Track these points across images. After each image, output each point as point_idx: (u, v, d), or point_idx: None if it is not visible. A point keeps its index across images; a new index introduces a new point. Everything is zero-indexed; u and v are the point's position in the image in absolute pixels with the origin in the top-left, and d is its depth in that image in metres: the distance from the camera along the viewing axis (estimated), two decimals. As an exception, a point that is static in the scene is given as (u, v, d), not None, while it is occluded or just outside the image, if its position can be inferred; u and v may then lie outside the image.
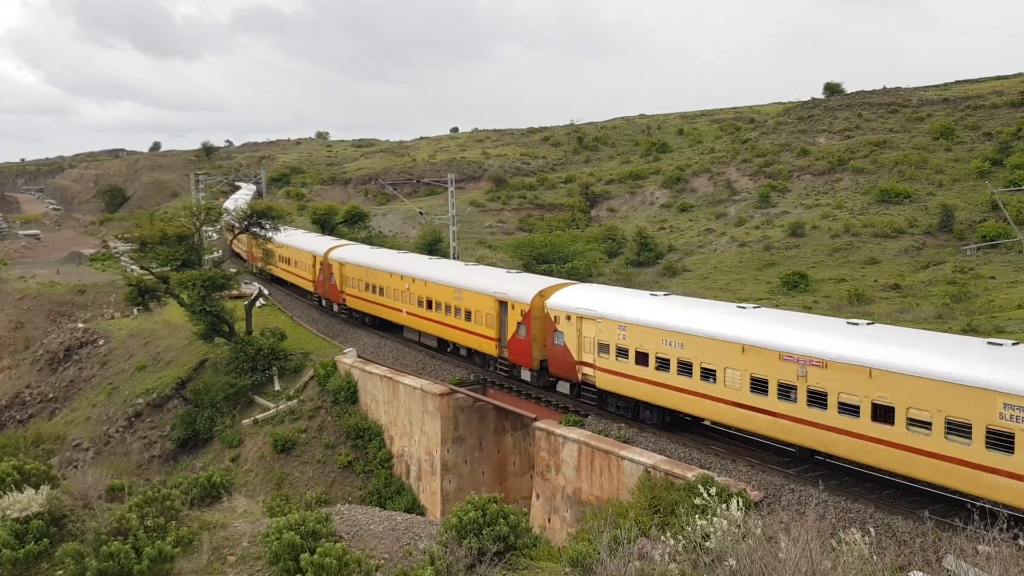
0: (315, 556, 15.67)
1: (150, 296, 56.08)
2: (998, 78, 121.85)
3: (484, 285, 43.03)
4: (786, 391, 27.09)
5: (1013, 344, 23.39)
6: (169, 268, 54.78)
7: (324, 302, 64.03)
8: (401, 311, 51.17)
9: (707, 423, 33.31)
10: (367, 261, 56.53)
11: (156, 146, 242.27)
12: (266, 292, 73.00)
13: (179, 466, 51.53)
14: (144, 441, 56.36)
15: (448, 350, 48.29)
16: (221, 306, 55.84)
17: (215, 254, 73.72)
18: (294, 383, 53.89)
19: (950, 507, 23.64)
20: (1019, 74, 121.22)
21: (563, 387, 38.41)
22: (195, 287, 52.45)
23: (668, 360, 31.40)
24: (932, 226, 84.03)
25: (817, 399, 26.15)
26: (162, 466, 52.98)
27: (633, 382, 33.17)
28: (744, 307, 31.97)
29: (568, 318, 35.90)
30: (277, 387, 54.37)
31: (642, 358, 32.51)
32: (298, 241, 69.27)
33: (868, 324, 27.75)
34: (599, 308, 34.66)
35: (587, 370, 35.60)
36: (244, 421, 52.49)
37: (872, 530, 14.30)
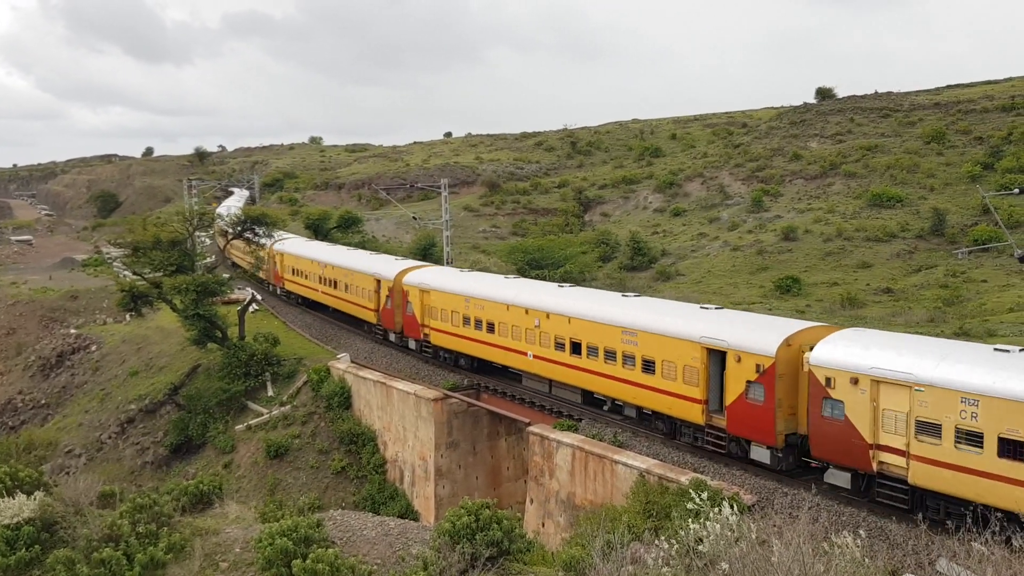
0: (308, 562, 15.63)
1: (143, 301, 55.91)
2: (989, 83, 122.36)
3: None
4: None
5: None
6: (162, 273, 54.63)
7: (395, 336, 52.76)
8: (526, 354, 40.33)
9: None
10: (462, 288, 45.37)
11: (149, 151, 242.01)
12: (259, 297, 72.87)
13: (172, 472, 51.37)
14: (137, 447, 56.17)
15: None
16: (214, 311, 55.71)
17: (208, 259, 73.56)
18: (287, 388, 53.78)
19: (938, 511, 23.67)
20: (1009, 79, 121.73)
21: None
22: (188, 292, 52.31)
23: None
24: (924, 230, 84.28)
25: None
26: (155, 472, 52.81)
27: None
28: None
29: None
30: (270, 392, 54.25)
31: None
32: (353, 261, 59.03)
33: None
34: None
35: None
36: (237, 427, 52.35)
37: (863, 533, 14.31)
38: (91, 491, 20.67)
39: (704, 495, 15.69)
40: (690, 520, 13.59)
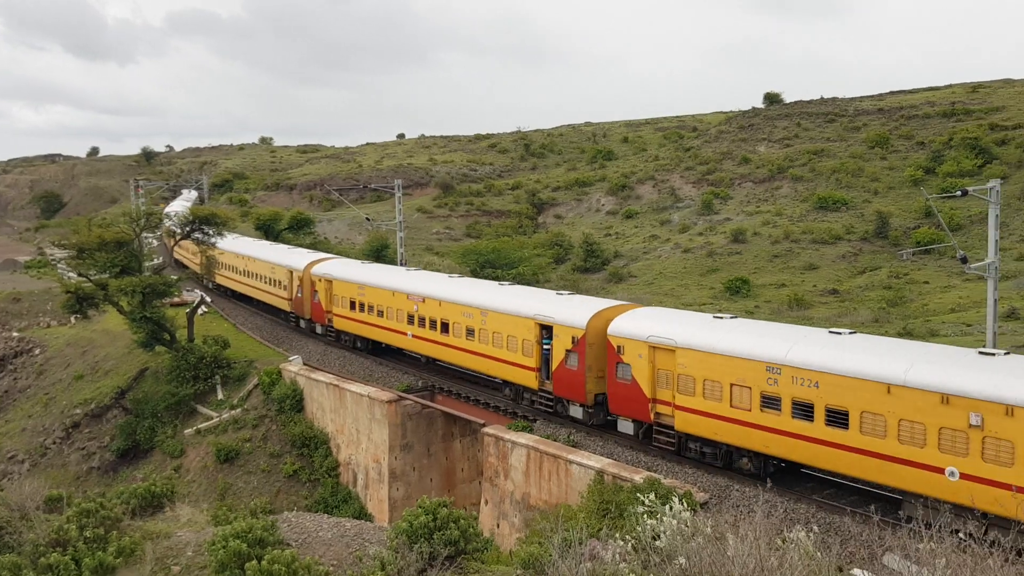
0: (263, 564, 15.45)
1: (88, 304, 54.63)
2: (930, 89, 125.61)
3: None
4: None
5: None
6: (108, 275, 53.52)
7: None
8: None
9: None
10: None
11: (94, 151, 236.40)
12: (208, 299, 71.80)
13: (119, 477, 50.34)
14: (82, 452, 54.96)
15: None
16: (162, 313, 54.77)
17: (155, 260, 72.28)
18: (238, 392, 53.06)
19: (889, 505, 24.27)
20: (950, 86, 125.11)
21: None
22: (135, 294, 51.35)
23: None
24: (868, 232, 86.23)
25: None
26: (101, 477, 51.71)
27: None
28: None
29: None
30: (220, 396, 53.48)
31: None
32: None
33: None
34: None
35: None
36: (186, 431, 51.52)
37: (816, 527, 14.61)
38: (37, 495, 20.18)
39: (655, 495, 15.86)
40: (646, 516, 13.73)
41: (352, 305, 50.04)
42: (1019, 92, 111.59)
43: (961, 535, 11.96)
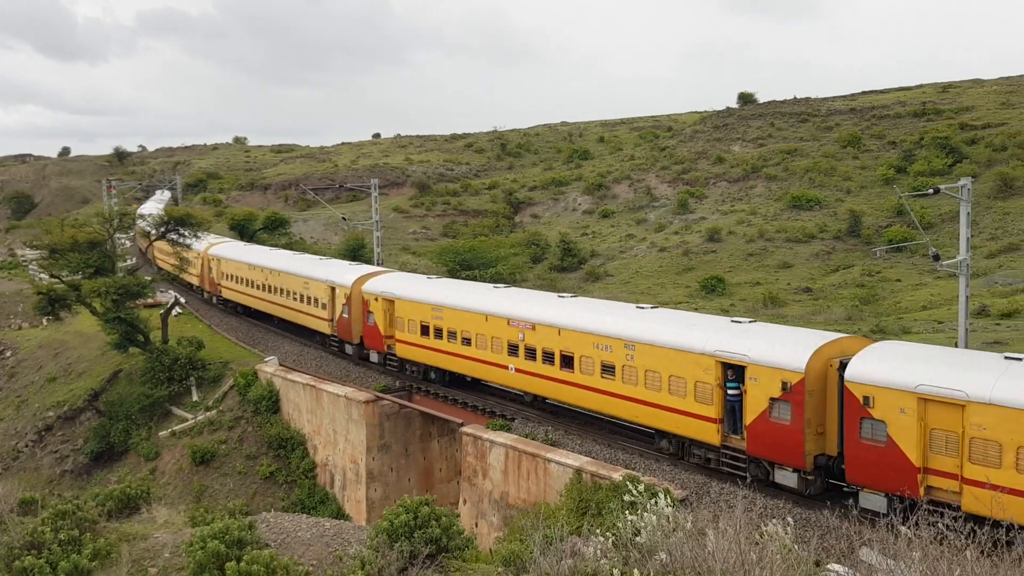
0: (242, 564, 15.34)
1: (60, 305, 54.01)
2: (901, 89, 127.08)
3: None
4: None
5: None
6: (81, 276, 52.94)
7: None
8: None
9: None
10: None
11: (65, 151, 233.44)
12: (182, 300, 71.20)
13: (93, 480, 49.81)
14: (55, 455, 54.32)
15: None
16: (136, 315, 54.26)
17: (128, 261, 71.55)
18: (213, 393, 52.67)
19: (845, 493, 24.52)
20: (920, 86, 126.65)
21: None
22: (108, 295, 50.82)
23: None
24: (841, 231, 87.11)
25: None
26: (75, 481, 51.13)
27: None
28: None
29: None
30: (195, 397, 53.07)
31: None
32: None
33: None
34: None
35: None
36: (161, 433, 51.08)
37: (792, 520, 14.75)
38: (10, 498, 19.91)
39: (640, 488, 15.93)
40: (627, 512, 13.79)
41: (424, 330, 42.54)
42: (988, 92, 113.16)
43: (939, 527, 12.11)
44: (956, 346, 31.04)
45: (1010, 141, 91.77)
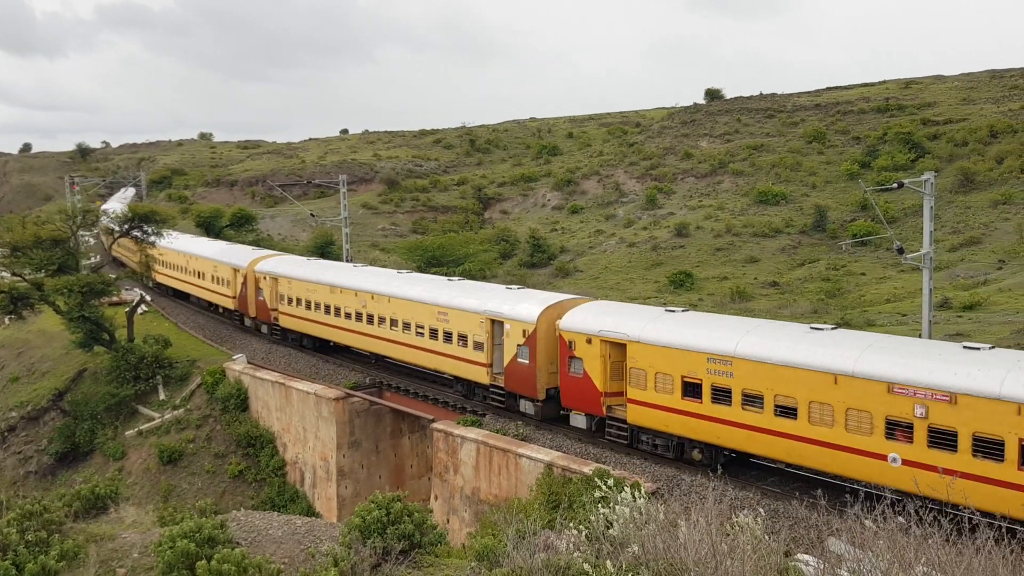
0: (212, 563, 15.20)
1: (23, 304, 53.02)
2: (864, 85, 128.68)
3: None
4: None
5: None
6: (43, 274, 52.09)
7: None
8: None
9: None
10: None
11: (27, 147, 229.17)
12: (148, 298, 70.33)
13: (58, 481, 49.09)
14: (19, 456, 53.46)
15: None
16: (100, 313, 53.54)
17: (93, 259, 70.46)
18: (180, 392, 52.14)
19: (832, 491, 24.88)
20: (884, 82, 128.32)
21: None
22: (72, 293, 50.08)
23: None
24: (807, 226, 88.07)
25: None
26: (39, 482, 50.36)
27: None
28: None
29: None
30: (162, 396, 52.50)
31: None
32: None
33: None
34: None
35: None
36: (127, 432, 50.48)
37: (763, 512, 14.92)
38: (-26, 501, 19.58)
39: (611, 482, 16.02)
40: (599, 506, 13.88)
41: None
42: (949, 88, 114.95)
43: (902, 519, 12.32)
44: (919, 337, 31.57)
45: (971, 136, 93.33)
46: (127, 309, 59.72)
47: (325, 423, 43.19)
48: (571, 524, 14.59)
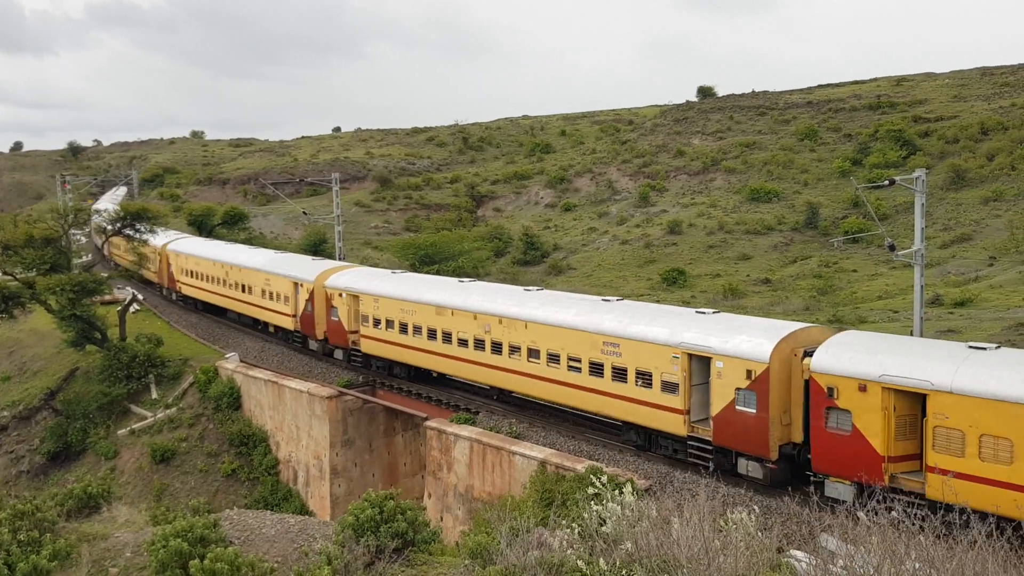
0: (206, 562, 15.21)
1: (14, 303, 52.90)
2: (856, 83, 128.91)
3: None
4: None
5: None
6: (35, 273, 51.93)
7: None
8: None
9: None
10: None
11: (18, 146, 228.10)
12: (140, 296, 70.15)
13: (50, 480, 48.96)
14: (11, 456, 53.30)
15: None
16: (92, 312, 53.37)
17: (84, 258, 70.32)
18: (172, 391, 52.05)
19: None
20: (875, 79, 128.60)
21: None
22: (64, 292, 49.95)
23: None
24: (799, 223, 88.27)
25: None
26: (31, 481, 50.23)
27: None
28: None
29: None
30: (154, 395, 52.40)
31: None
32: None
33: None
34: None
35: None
36: (120, 431, 50.39)
37: (757, 508, 14.98)
38: (-34, 501, 19.55)
39: (604, 479, 16.05)
40: (592, 503, 13.91)
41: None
42: (940, 85, 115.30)
43: (894, 514, 12.38)
44: (911, 334, 31.70)
45: (962, 133, 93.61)
46: (119, 308, 59.57)
47: (318, 421, 43.14)
48: (564, 521, 14.62)
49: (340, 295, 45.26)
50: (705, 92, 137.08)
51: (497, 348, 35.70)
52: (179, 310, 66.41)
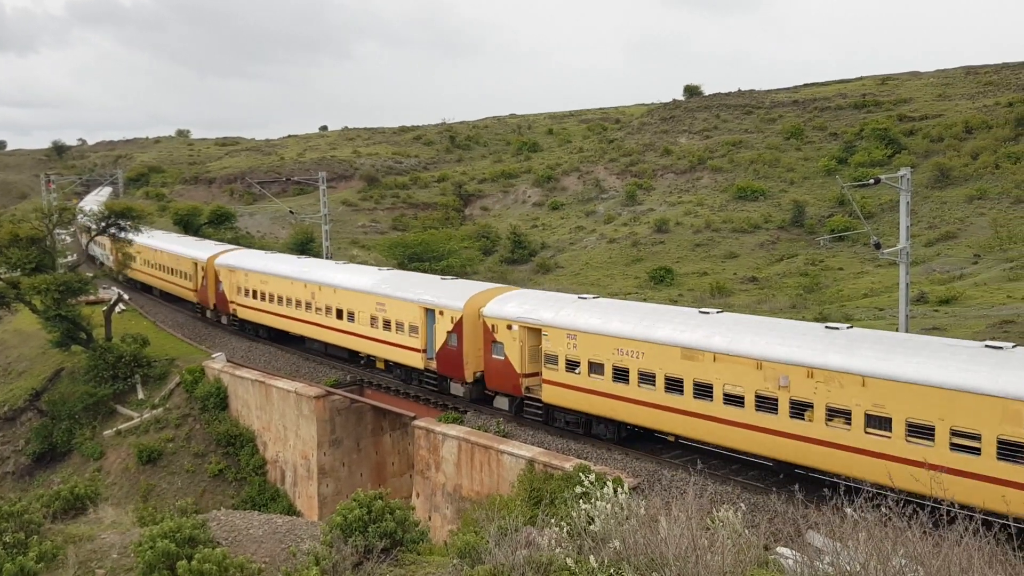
0: (193, 563, 15.14)
1: (-1, 303, 52.62)
2: (841, 81, 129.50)
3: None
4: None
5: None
6: (20, 272, 51.58)
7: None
8: None
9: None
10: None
11: (1, 145, 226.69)
12: (126, 297, 69.75)
13: (35, 482, 48.67)
14: (-5, 457, 52.91)
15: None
16: (78, 312, 53.06)
17: (69, 258, 69.76)
18: (159, 391, 51.81)
19: (812, 485, 25.09)
20: (860, 78, 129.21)
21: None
22: (49, 292, 49.63)
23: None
24: (785, 221, 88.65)
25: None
26: (16, 483, 49.91)
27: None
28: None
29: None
30: (141, 395, 52.14)
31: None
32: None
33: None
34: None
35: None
36: (106, 432, 50.11)
37: (744, 506, 15.04)
38: (-50, 503, 19.39)
39: (591, 478, 16.08)
40: (581, 501, 13.92)
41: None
42: (925, 84, 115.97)
43: (883, 509, 12.45)
44: (897, 330, 31.89)
45: (946, 132, 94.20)
46: (104, 308, 59.24)
47: (305, 421, 43.04)
48: (553, 520, 14.63)
49: (509, 327, 34.98)
50: (692, 91, 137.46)
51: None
52: (166, 310, 66.08)
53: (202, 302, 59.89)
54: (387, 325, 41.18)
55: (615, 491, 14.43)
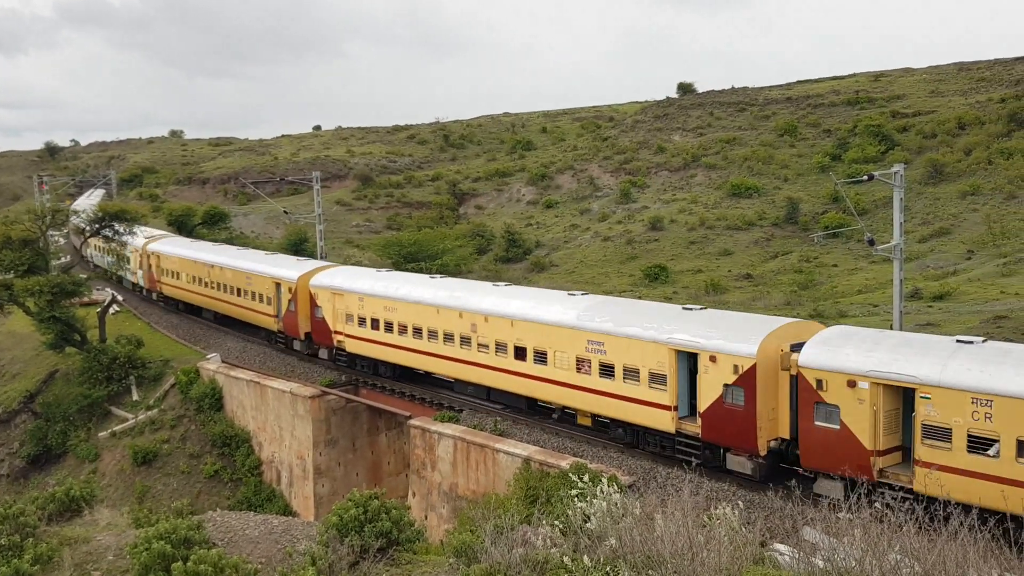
0: (189, 564, 15.14)
1: (-8, 305, 52.46)
2: (835, 78, 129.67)
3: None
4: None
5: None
6: (13, 275, 51.44)
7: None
8: None
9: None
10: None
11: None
12: (120, 298, 69.60)
13: (30, 484, 48.50)
14: (-11, 460, 52.78)
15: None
16: (72, 313, 52.94)
17: (63, 259, 69.62)
18: (154, 392, 51.71)
19: (807, 483, 25.14)
20: (854, 75, 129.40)
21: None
22: (42, 294, 49.50)
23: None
24: (779, 218, 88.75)
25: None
26: (11, 485, 49.79)
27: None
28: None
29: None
30: (136, 397, 52.04)
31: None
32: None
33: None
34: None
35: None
36: (100, 434, 50.01)
37: (741, 504, 15.07)
38: (-55, 506, 19.35)
39: (586, 476, 16.10)
40: (577, 500, 13.95)
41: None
42: (918, 81, 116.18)
43: (878, 505, 12.49)
44: (891, 328, 31.94)
45: (939, 128, 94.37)
46: (99, 309, 59.11)
47: (301, 421, 42.99)
48: (549, 519, 14.65)
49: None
50: (685, 88, 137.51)
51: None
52: (160, 311, 65.88)
53: (288, 331, 48.57)
54: (605, 371, 30.61)
55: (611, 489, 14.46)
